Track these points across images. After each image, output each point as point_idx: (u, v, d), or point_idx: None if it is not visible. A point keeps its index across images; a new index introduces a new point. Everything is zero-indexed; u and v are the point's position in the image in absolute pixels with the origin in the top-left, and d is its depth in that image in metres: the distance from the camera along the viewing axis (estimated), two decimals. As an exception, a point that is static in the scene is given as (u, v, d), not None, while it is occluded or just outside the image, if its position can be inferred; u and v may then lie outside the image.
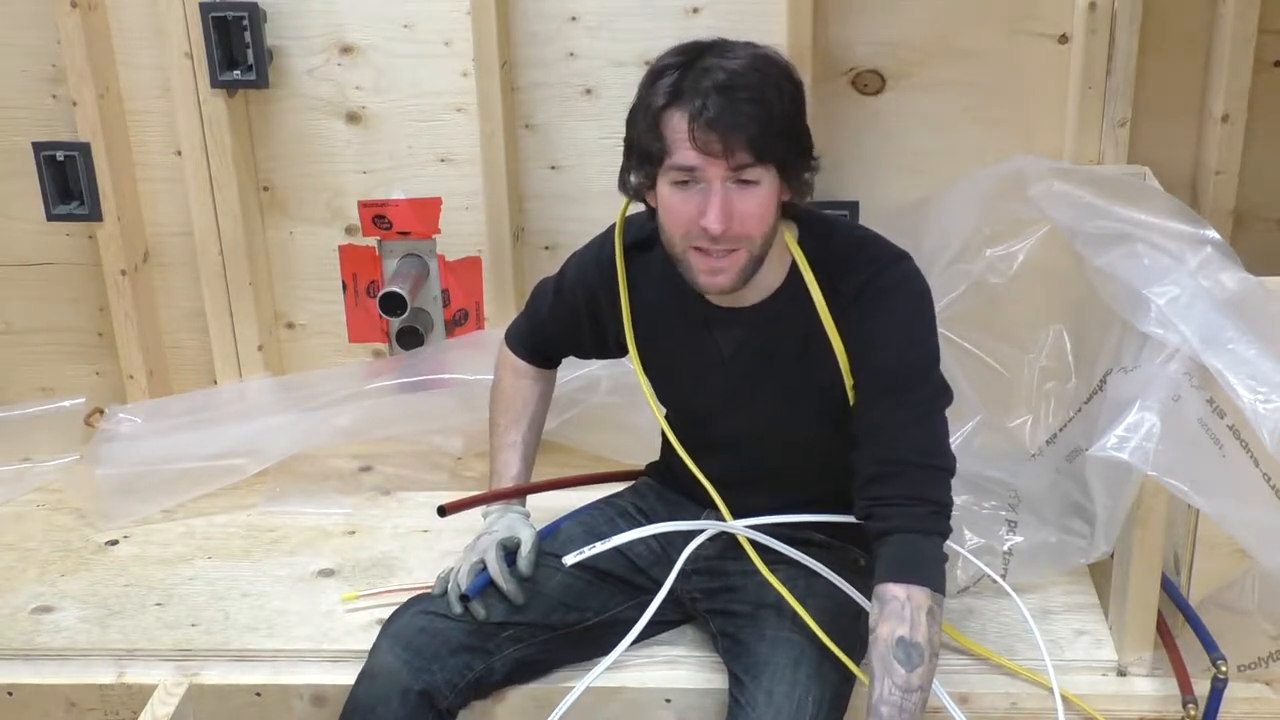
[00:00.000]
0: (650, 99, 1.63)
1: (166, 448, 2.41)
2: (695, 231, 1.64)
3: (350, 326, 2.58)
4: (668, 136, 1.62)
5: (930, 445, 1.72)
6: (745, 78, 1.59)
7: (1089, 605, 2.03)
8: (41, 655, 2.02)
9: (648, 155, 1.65)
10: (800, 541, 1.83)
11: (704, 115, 1.58)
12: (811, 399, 1.80)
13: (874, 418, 1.72)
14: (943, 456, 1.72)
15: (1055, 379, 2.17)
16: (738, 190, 1.62)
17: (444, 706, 1.78)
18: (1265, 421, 1.65)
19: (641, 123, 1.65)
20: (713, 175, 1.61)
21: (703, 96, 1.58)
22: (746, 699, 1.71)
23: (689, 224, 1.64)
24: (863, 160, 2.39)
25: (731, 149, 1.59)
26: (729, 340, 1.81)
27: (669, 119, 1.61)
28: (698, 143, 1.59)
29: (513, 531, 1.90)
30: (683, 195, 1.64)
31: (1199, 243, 1.87)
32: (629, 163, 1.70)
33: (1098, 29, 2.26)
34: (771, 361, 1.80)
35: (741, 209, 1.62)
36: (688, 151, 1.60)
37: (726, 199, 1.61)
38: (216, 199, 2.43)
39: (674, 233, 1.67)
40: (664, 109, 1.61)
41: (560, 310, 1.98)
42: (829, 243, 1.77)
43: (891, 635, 1.62)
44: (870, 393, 1.73)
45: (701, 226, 1.62)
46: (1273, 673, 1.85)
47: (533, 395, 2.05)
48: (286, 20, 2.37)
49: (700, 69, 1.60)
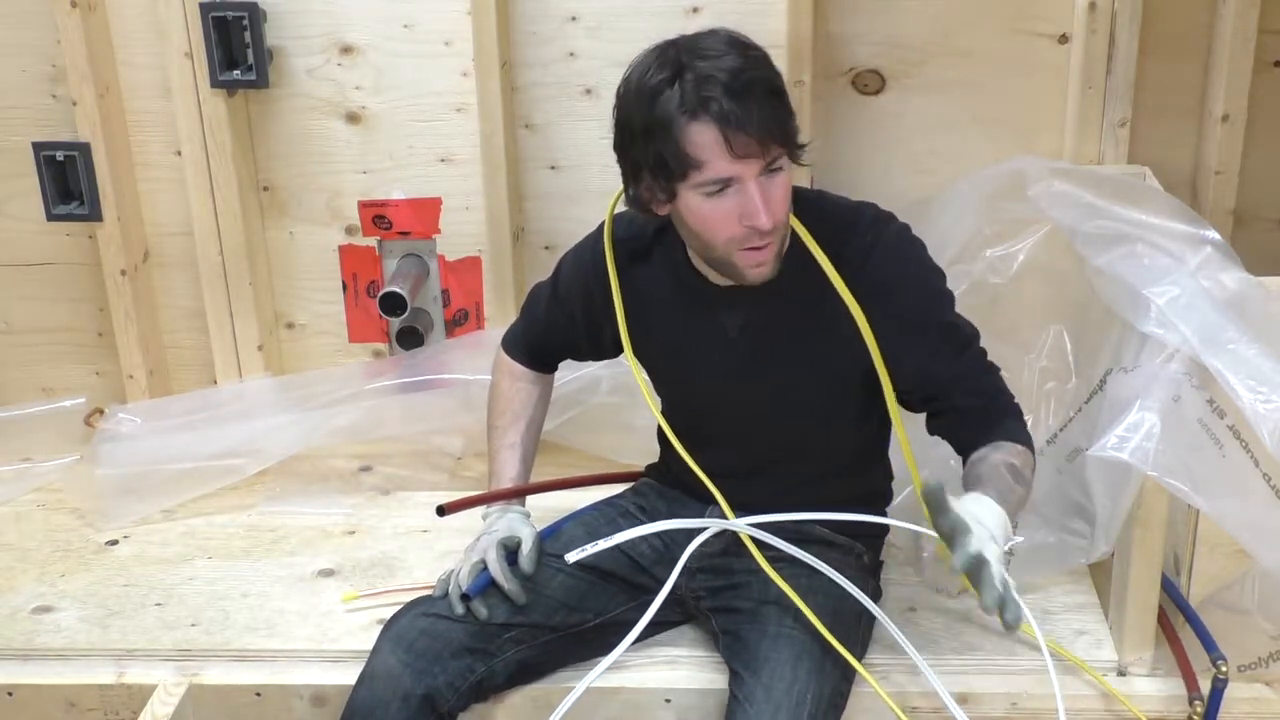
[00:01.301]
0: (661, 119, 1.60)
1: (166, 448, 2.41)
2: (741, 233, 1.64)
3: (350, 326, 2.58)
4: (695, 153, 1.60)
5: (982, 374, 1.81)
6: (747, 72, 1.60)
7: (1089, 605, 2.03)
8: (41, 655, 2.02)
9: (668, 172, 1.63)
10: (803, 537, 1.83)
11: (733, 121, 1.57)
12: (821, 375, 1.81)
13: (918, 362, 1.76)
14: (994, 375, 1.82)
15: (1055, 379, 2.17)
16: (769, 181, 1.63)
17: (445, 709, 1.78)
18: (1265, 421, 1.65)
19: (660, 144, 1.61)
20: (747, 175, 1.61)
21: (719, 103, 1.57)
22: (746, 695, 1.71)
23: (731, 228, 1.64)
24: (862, 160, 2.40)
25: (767, 147, 1.60)
26: (734, 319, 1.81)
27: (693, 135, 1.59)
28: (736, 151, 1.59)
29: (513, 531, 1.90)
30: (716, 202, 1.63)
31: (1199, 243, 1.87)
32: (639, 181, 1.68)
33: (1098, 29, 2.26)
34: (780, 336, 1.80)
35: (777, 197, 1.64)
36: (723, 163, 1.59)
37: (766, 194, 1.62)
38: (216, 199, 2.43)
39: (714, 238, 1.67)
40: (687, 126, 1.59)
41: (556, 311, 1.98)
42: (823, 212, 1.79)
43: (1003, 461, 1.69)
44: (905, 341, 1.76)
45: (750, 227, 1.63)
46: (1273, 673, 1.85)
47: (530, 398, 2.05)
48: (286, 20, 2.37)
49: (700, 76, 1.59)
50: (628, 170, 1.70)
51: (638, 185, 1.69)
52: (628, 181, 1.71)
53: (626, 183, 1.71)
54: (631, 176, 1.69)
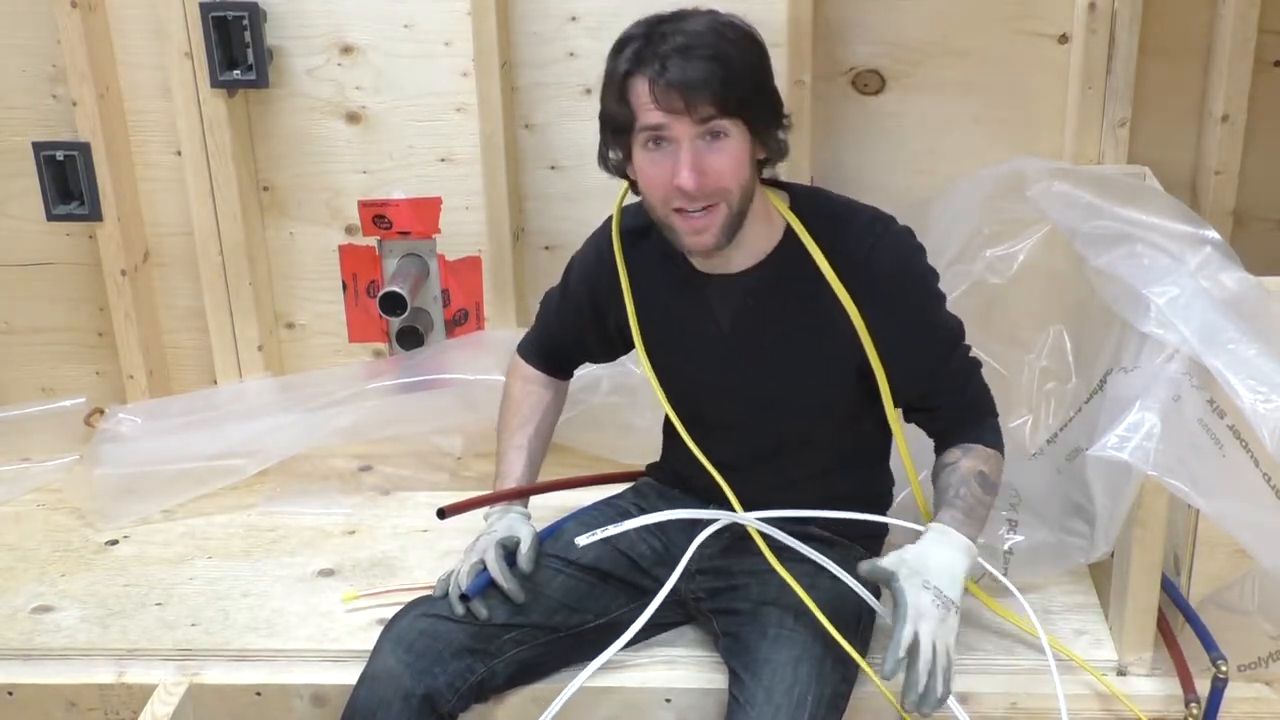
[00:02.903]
0: (613, 70, 1.68)
1: (166, 448, 2.41)
2: (671, 192, 1.68)
3: (350, 326, 2.58)
4: (633, 102, 1.66)
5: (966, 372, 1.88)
6: (703, 37, 1.65)
7: (1089, 605, 2.03)
8: (41, 655, 2.02)
9: (618, 125, 1.69)
10: (803, 536, 1.83)
11: (665, 75, 1.62)
12: (813, 369, 1.81)
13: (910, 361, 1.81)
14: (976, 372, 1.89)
15: (1055, 379, 2.17)
16: (707, 146, 1.66)
17: (445, 710, 1.78)
18: (1265, 421, 1.65)
19: (608, 94, 1.69)
20: (680, 133, 1.65)
21: (662, 59, 1.63)
22: (746, 696, 1.71)
23: (665, 186, 1.68)
24: (862, 160, 2.40)
25: (694, 103, 1.63)
26: (726, 310, 1.82)
27: (633, 85, 1.66)
28: (660, 102, 1.63)
29: (512, 531, 1.90)
30: (654, 158, 1.68)
31: (1199, 243, 1.87)
32: (604, 137, 1.74)
33: (1098, 29, 2.26)
34: (773, 332, 1.81)
35: (714, 164, 1.66)
36: (652, 112, 1.64)
37: (697, 156, 1.65)
38: (216, 199, 2.43)
39: (653, 197, 1.71)
40: (627, 76, 1.66)
41: (567, 308, 1.99)
42: (821, 208, 1.82)
43: (973, 470, 1.81)
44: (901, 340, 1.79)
45: (676, 185, 1.66)
46: (1273, 673, 1.85)
47: (541, 402, 2.06)
48: (286, 20, 2.37)
49: (659, 34, 1.65)
50: (600, 125, 1.75)
51: (604, 140, 1.75)
52: (600, 137, 1.76)
53: (600, 140, 1.76)
54: (601, 130, 1.75)
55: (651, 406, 2.03)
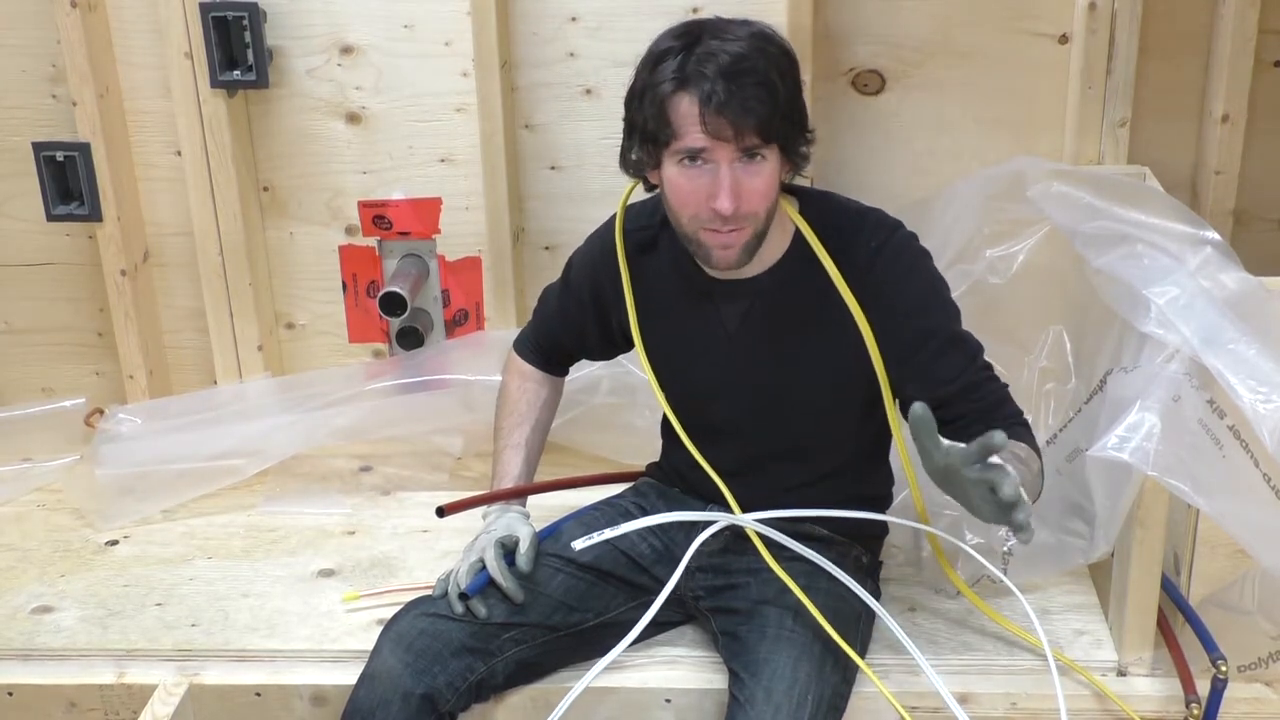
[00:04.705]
0: (655, 83, 1.65)
1: (166, 448, 2.41)
2: (705, 213, 1.67)
3: (350, 326, 2.58)
4: (674, 120, 1.64)
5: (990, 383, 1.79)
6: (750, 60, 1.63)
7: (1089, 605, 2.03)
8: (41, 655, 2.02)
9: (653, 138, 1.67)
10: (802, 536, 1.83)
11: (713, 100, 1.60)
12: (820, 373, 1.81)
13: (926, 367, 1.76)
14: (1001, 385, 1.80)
15: (1055, 379, 2.17)
16: (744, 168, 1.65)
17: (445, 709, 1.78)
18: (1265, 421, 1.65)
19: (648, 107, 1.67)
20: (721, 157, 1.64)
21: (710, 81, 1.61)
22: (746, 697, 1.71)
23: (698, 205, 1.67)
24: (862, 160, 2.40)
25: (741, 132, 1.62)
26: (733, 313, 1.82)
27: (677, 104, 1.64)
28: (708, 127, 1.62)
29: (511, 530, 1.90)
30: (690, 175, 1.66)
31: (1199, 243, 1.87)
32: (631, 142, 1.73)
33: (1098, 29, 2.26)
34: (778, 332, 1.81)
35: (750, 186, 1.66)
36: (697, 136, 1.63)
37: (735, 179, 1.65)
38: (216, 199, 2.43)
39: (682, 213, 1.70)
40: (672, 94, 1.64)
41: (567, 303, 1.99)
42: (830, 213, 1.81)
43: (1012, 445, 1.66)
44: (912, 345, 1.76)
45: (712, 208, 1.66)
46: (1273, 673, 1.85)
47: (538, 399, 2.06)
48: (286, 20, 2.37)
49: (703, 53, 1.63)
50: (627, 128, 1.73)
51: (631, 145, 1.73)
52: (625, 140, 1.74)
53: (624, 142, 1.75)
54: (628, 135, 1.73)
55: (652, 407, 2.04)
